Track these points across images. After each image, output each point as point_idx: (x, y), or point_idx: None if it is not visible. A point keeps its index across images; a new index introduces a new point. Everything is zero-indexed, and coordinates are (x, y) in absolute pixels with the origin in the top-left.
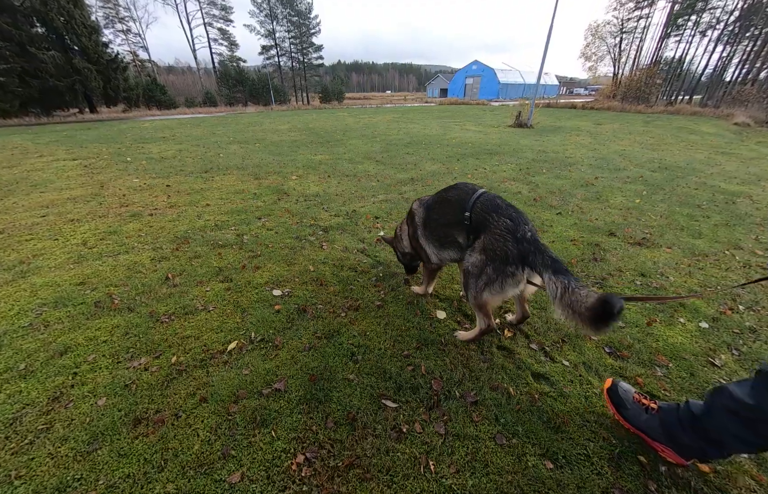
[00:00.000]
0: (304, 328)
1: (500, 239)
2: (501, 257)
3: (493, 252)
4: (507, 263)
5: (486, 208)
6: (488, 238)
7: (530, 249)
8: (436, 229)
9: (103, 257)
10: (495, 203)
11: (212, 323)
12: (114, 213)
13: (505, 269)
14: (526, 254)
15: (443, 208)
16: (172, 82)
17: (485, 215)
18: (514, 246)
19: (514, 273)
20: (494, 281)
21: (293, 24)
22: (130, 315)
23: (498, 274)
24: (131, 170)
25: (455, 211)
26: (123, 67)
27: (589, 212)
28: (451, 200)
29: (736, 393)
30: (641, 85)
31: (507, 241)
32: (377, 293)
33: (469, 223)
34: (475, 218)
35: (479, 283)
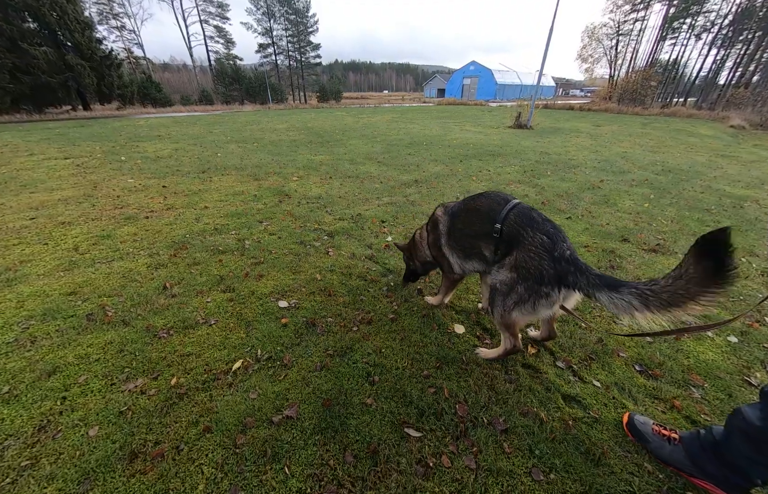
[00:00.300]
0: (314, 344)
1: (535, 257)
2: (535, 277)
3: (527, 271)
4: (542, 284)
5: (520, 221)
6: (521, 255)
7: (569, 269)
8: (462, 239)
9: (95, 264)
10: (530, 217)
11: (214, 339)
12: (107, 216)
13: (539, 290)
14: (564, 275)
15: (471, 217)
16: (167, 79)
17: (519, 228)
18: (551, 265)
19: (549, 294)
20: (526, 301)
21: (291, 22)
22: (125, 330)
23: (531, 294)
24: (126, 169)
25: (484, 221)
26: (117, 64)
27: (599, 216)
28: (480, 209)
29: (748, 414)
30: (637, 87)
31: (543, 259)
32: (390, 305)
33: (499, 236)
34: (507, 231)
35: (508, 302)
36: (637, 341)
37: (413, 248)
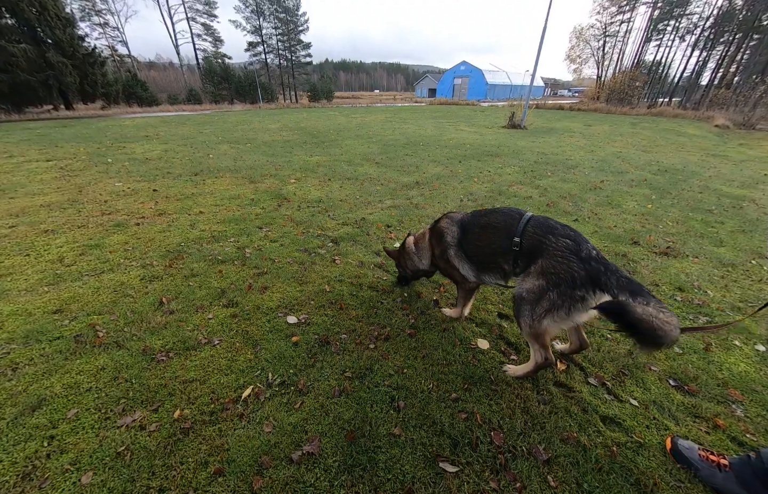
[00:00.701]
0: (329, 365)
1: (563, 261)
2: (566, 281)
3: (556, 276)
4: (575, 287)
5: (540, 231)
6: (547, 261)
7: (600, 269)
8: (478, 254)
9: (83, 277)
10: (549, 225)
11: (220, 362)
12: (95, 222)
13: (573, 294)
14: (596, 275)
15: (488, 233)
16: (153, 78)
17: (540, 238)
18: (581, 267)
19: (584, 297)
20: (560, 307)
21: (281, 20)
22: (119, 353)
23: (564, 299)
24: (113, 172)
25: (502, 237)
26: (101, 61)
27: (606, 218)
28: (496, 225)
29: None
30: (624, 87)
31: (571, 262)
32: (406, 318)
33: (519, 249)
34: (527, 243)
35: (537, 310)
36: (667, 353)
37: (403, 256)
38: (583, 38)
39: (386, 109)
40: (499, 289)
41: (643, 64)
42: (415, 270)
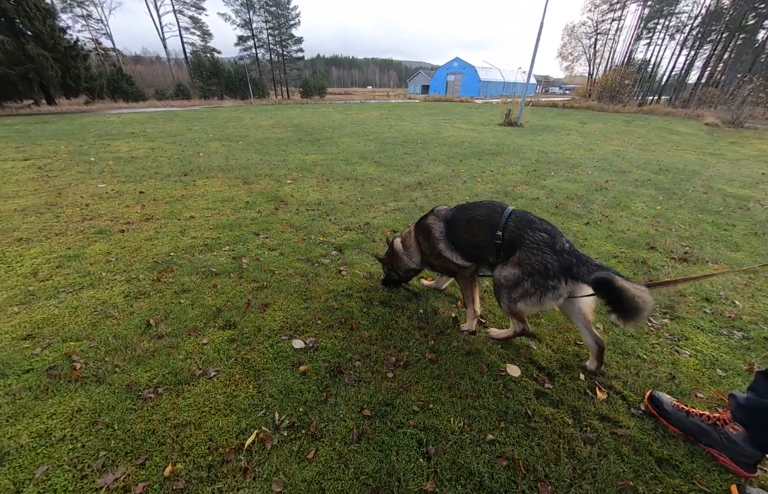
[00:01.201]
0: (344, 401)
1: (538, 253)
2: (540, 271)
3: (531, 266)
4: (547, 277)
5: (520, 225)
6: (524, 253)
7: (572, 260)
8: (465, 247)
9: (59, 295)
10: (528, 219)
11: (217, 399)
12: (74, 229)
13: (545, 283)
14: (568, 266)
15: (473, 227)
16: (139, 72)
17: (520, 231)
18: (554, 259)
19: (556, 287)
20: (532, 294)
21: (271, 14)
22: (99, 390)
23: (537, 287)
24: (96, 172)
25: (485, 231)
26: (84, 55)
27: (616, 221)
28: (480, 219)
29: None
30: (615, 85)
31: (545, 254)
32: (424, 340)
33: (501, 242)
34: (508, 236)
35: (513, 294)
36: (710, 376)
37: (393, 259)
38: (575, 36)
39: (381, 106)
40: None
41: (633, 62)
42: (406, 270)
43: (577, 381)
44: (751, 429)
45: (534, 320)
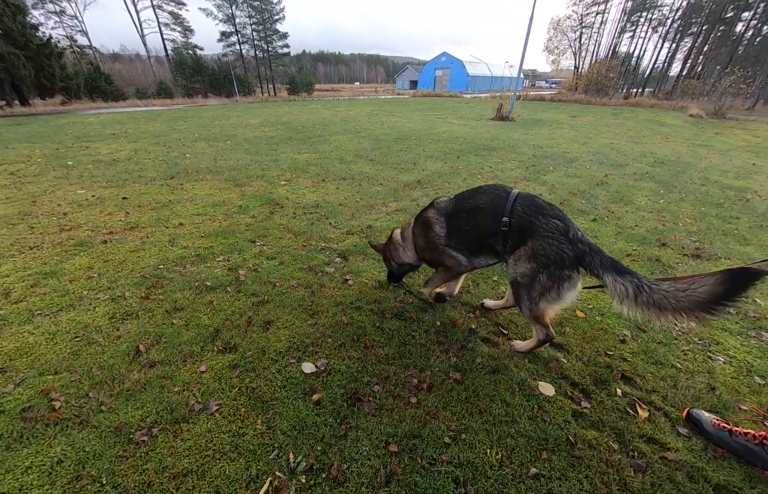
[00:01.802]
0: (366, 434)
1: (554, 243)
2: (556, 262)
3: (546, 257)
4: (563, 267)
5: (529, 210)
6: (538, 243)
7: (585, 250)
8: (468, 239)
9: (34, 319)
10: (538, 204)
11: (221, 439)
12: (51, 242)
13: (561, 274)
14: (582, 256)
15: (475, 217)
16: (118, 71)
17: (530, 217)
18: (570, 248)
19: (571, 276)
20: (550, 288)
21: (255, 9)
22: (83, 434)
23: (554, 280)
24: (74, 177)
25: (490, 219)
26: (58, 53)
27: (623, 216)
28: (483, 207)
29: None
30: (601, 78)
31: (561, 243)
32: (446, 357)
33: (509, 228)
34: (517, 222)
35: (533, 293)
36: (751, 386)
37: (390, 249)
38: (560, 29)
39: (370, 102)
40: None
41: (618, 55)
42: (401, 264)
43: (614, 398)
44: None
45: (559, 329)
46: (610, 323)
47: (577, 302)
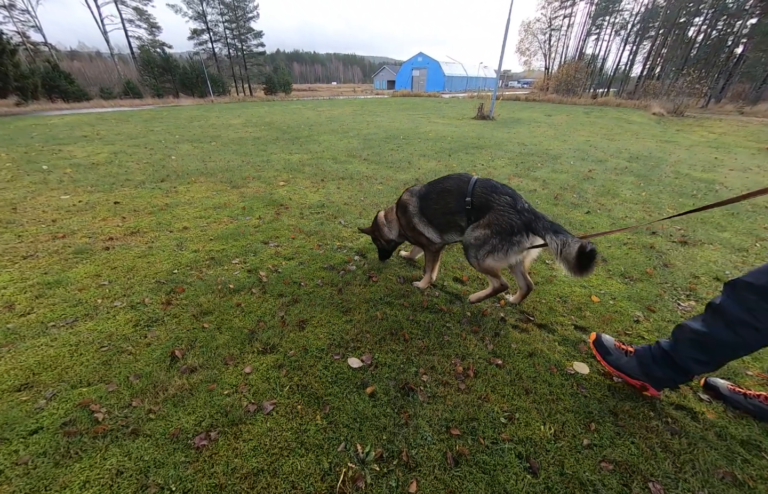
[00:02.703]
0: (426, 421)
1: (505, 214)
2: (506, 229)
3: (499, 226)
4: (513, 234)
5: (486, 190)
6: (493, 215)
7: (531, 218)
8: (438, 217)
9: (49, 331)
10: (492, 185)
11: (285, 436)
12: (46, 250)
13: (511, 239)
14: (529, 223)
15: (444, 198)
16: (78, 69)
17: (486, 196)
18: (518, 218)
19: (520, 241)
20: (500, 249)
21: (227, 6)
22: (137, 443)
23: (504, 243)
24: (53, 182)
25: (456, 198)
26: (10, 50)
27: (613, 208)
28: (450, 189)
29: (693, 325)
30: (570, 78)
31: (511, 215)
32: (482, 344)
33: (471, 207)
34: (477, 201)
35: (481, 252)
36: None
37: (377, 229)
38: (531, 31)
39: (351, 102)
40: (562, 298)
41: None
42: (388, 241)
43: None
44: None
45: (579, 313)
46: (623, 305)
47: (591, 288)
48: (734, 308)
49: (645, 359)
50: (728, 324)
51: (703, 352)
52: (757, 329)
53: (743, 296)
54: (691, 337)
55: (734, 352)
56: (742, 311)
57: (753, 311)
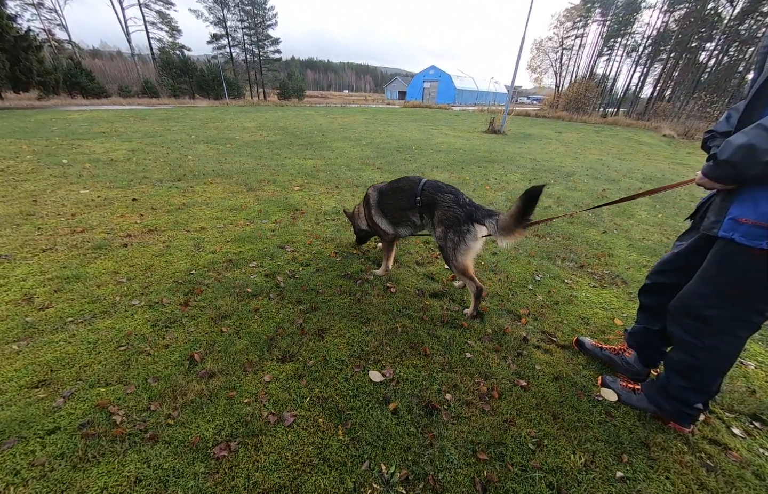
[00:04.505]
0: (451, 442)
1: (449, 209)
2: (455, 222)
3: (448, 220)
4: (460, 224)
5: (432, 190)
6: (441, 212)
7: (472, 209)
8: (392, 212)
9: (67, 326)
10: (437, 185)
11: (307, 452)
12: (65, 244)
13: (461, 229)
14: (471, 213)
15: (397, 195)
16: (99, 67)
17: (433, 195)
18: (461, 211)
19: (469, 229)
20: (459, 242)
21: (246, 13)
22: (155, 450)
23: (458, 235)
24: (72, 176)
25: (408, 197)
26: (37, 46)
27: (629, 229)
28: (403, 188)
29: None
30: (580, 96)
31: (454, 208)
32: (505, 364)
33: (421, 204)
34: (425, 198)
35: (448, 250)
36: None
37: (353, 219)
38: (542, 50)
39: (363, 111)
40: (584, 319)
41: (595, 76)
42: (359, 230)
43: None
44: None
45: (602, 337)
46: None
47: (613, 311)
48: (677, 332)
49: (652, 393)
50: (679, 348)
51: (685, 379)
52: (704, 349)
53: (678, 321)
54: (672, 365)
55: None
56: (684, 334)
57: (691, 333)
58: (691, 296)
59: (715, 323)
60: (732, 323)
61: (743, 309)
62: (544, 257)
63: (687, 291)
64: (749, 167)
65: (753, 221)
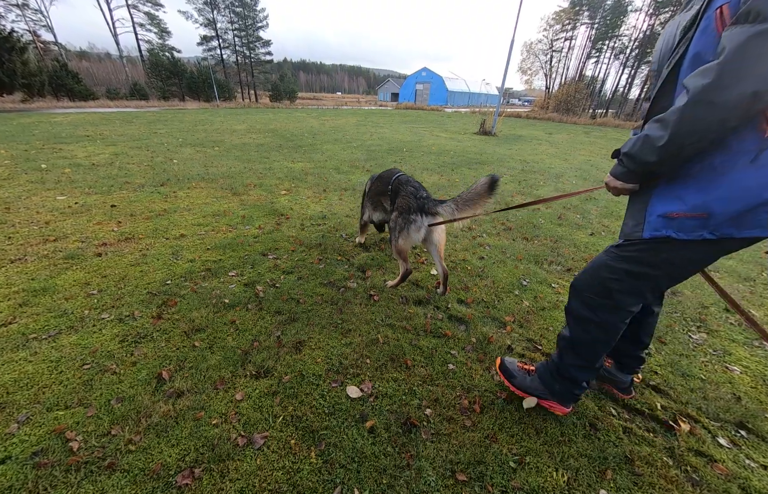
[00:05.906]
0: (429, 463)
1: (407, 199)
2: (406, 209)
3: (402, 207)
4: (410, 213)
5: (400, 182)
6: (400, 200)
7: (425, 202)
8: (373, 197)
9: (30, 344)
10: (405, 179)
11: (276, 478)
12: (35, 254)
13: (408, 217)
14: (423, 205)
15: (378, 184)
16: (86, 69)
17: (399, 186)
18: (415, 201)
19: (415, 220)
20: (402, 228)
21: (237, 15)
22: (113, 480)
23: (405, 222)
24: (50, 182)
25: (384, 185)
26: (20, 47)
27: (616, 230)
28: (383, 177)
29: (564, 332)
30: (570, 98)
31: (410, 199)
32: (489, 375)
33: (390, 192)
34: (393, 188)
35: (395, 231)
36: (765, 392)
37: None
38: (532, 52)
39: (355, 112)
40: None
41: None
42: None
43: (656, 412)
44: None
45: None
46: None
47: None
48: (576, 306)
49: (545, 375)
50: (577, 323)
51: (576, 356)
52: (598, 324)
53: (580, 294)
54: (564, 344)
55: (595, 350)
56: (583, 307)
57: (590, 307)
58: (600, 267)
59: (614, 296)
60: (629, 297)
61: (646, 285)
62: (532, 260)
63: (595, 263)
64: (647, 154)
65: (685, 213)
